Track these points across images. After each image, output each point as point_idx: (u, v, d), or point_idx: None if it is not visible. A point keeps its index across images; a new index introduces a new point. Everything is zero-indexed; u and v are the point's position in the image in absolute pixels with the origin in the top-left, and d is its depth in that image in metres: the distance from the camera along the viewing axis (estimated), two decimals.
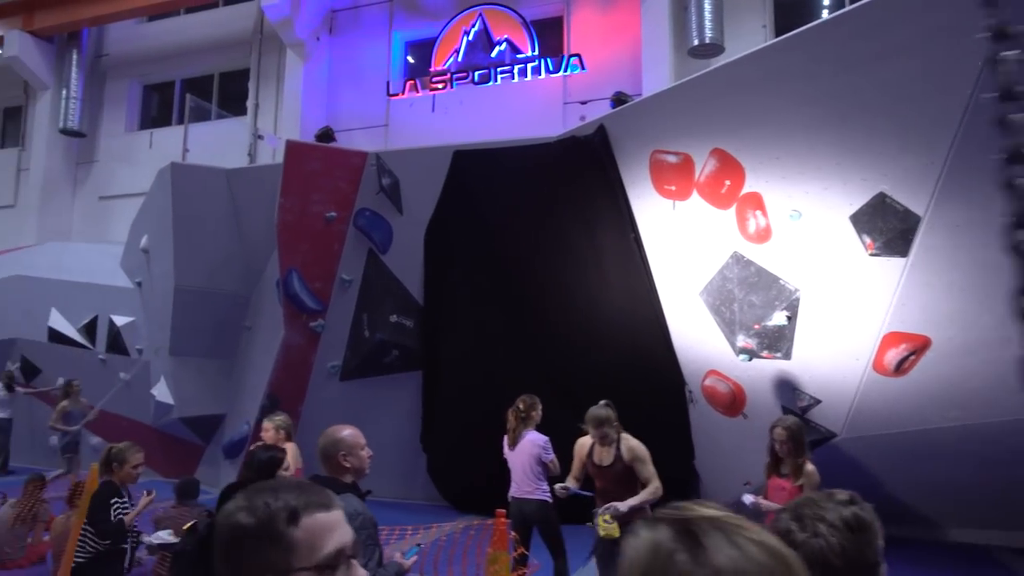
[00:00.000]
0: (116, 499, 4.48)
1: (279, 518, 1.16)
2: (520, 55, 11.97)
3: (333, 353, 10.48)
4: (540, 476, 5.61)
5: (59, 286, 13.05)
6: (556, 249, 8.96)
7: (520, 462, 5.70)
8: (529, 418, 5.87)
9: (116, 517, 4.42)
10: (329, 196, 9.84)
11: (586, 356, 8.91)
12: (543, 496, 5.60)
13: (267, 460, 3.75)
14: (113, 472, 4.60)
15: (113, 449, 4.68)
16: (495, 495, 9.28)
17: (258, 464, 3.73)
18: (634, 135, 8.14)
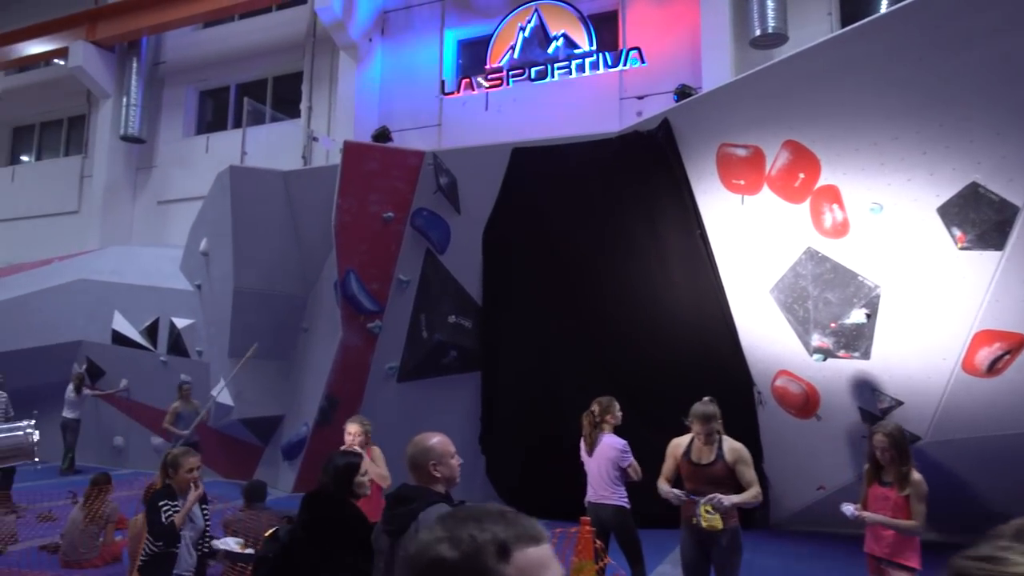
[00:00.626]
0: (167, 501, 4.43)
1: (487, 552, 1.02)
2: (577, 50, 11.77)
3: (390, 354, 10.43)
4: (617, 481, 5.49)
5: (122, 289, 13.28)
6: (618, 247, 8.75)
7: (597, 466, 5.56)
8: (605, 422, 5.69)
9: (166, 519, 4.36)
10: (386, 196, 9.79)
11: (650, 356, 8.67)
12: (620, 501, 5.48)
13: (344, 466, 3.63)
14: (171, 477, 4.55)
15: (169, 455, 4.63)
16: (556, 498, 9.18)
17: (335, 470, 3.62)
18: (700, 128, 7.89)
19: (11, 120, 19.64)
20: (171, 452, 4.60)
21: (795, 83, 6.85)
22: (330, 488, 3.58)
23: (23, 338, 13.79)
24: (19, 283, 14.60)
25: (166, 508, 4.35)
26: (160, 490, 4.48)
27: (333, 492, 3.56)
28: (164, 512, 4.33)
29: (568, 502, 9.04)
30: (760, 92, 7.18)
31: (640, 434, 8.78)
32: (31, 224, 18.03)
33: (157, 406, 12.94)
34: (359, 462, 3.72)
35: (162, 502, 4.37)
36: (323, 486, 3.60)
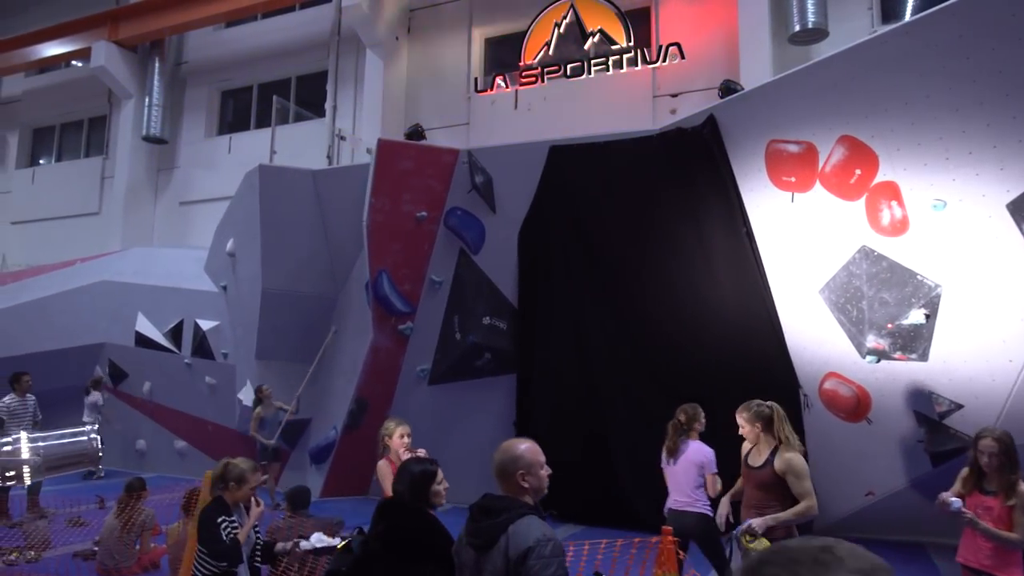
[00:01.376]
0: (225, 517, 4.13)
1: None
2: (614, 46, 11.55)
3: (422, 356, 10.24)
4: (701, 488, 5.37)
5: (145, 291, 13.14)
6: (661, 246, 8.53)
7: (682, 473, 5.45)
8: (692, 429, 5.59)
9: (228, 536, 4.08)
10: (420, 195, 9.61)
11: (693, 357, 8.43)
12: (704, 509, 5.35)
13: (420, 474, 3.42)
14: (229, 490, 4.24)
15: (231, 465, 4.30)
16: (597, 504, 8.99)
17: (411, 478, 3.41)
18: (748, 124, 7.67)
19: (31, 121, 19.57)
20: (235, 463, 4.29)
21: (852, 76, 6.62)
22: (406, 497, 3.38)
23: (45, 340, 13.67)
24: (41, 285, 14.48)
25: (226, 525, 4.07)
26: (215, 505, 4.18)
27: (409, 501, 3.36)
28: (225, 530, 4.06)
29: (611, 508, 8.87)
30: (814, 86, 6.96)
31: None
32: (51, 226, 17.94)
33: (181, 409, 12.81)
34: (436, 469, 3.52)
35: (221, 519, 4.08)
36: (398, 495, 3.40)
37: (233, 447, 12.16)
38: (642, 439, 8.73)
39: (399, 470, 3.52)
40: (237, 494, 4.20)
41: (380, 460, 5.08)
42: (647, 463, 8.50)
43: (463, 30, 13.49)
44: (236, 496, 4.20)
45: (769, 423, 4.77)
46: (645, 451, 8.55)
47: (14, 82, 19.51)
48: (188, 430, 12.80)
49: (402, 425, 5.12)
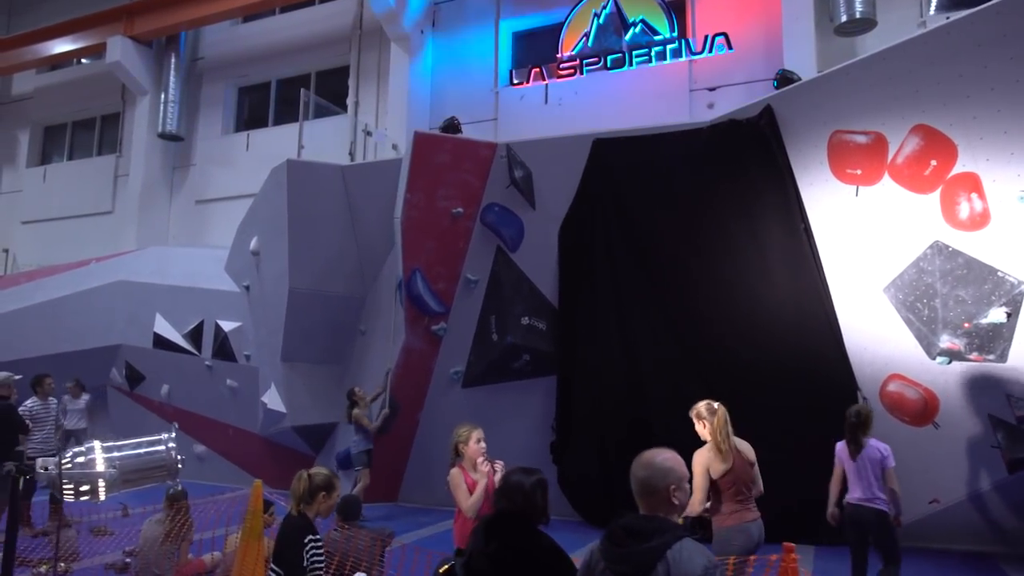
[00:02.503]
0: (312, 537, 3.73)
1: None
2: (657, 37, 11.20)
3: (455, 358, 9.90)
4: (881, 484, 5.48)
5: (163, 291, 12.78)
6: (712, 243, 8.19)
7: (863, 469, 5.54)
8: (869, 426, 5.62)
9: (311, 560, 3.68)
10: (456, 191, 9.27)
11: (745, 358, 8.09)
12: (883, 505, 5.47)
13: (532, 486, 3.07)
14: (316, 502, 3.84)
15: (316, 475, 3.90)
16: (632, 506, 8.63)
17: (518, 490, 3.06)
18: (810, 115, 7.33)
19: (42, 119, 19.22)
20: (317, 473, 3.86)
21: (931, 62, 6.29)
22: (511, 511, 3.03)
23: (60, 342, 13.33)
24: (56, 285, 14.14)
25: (312, 548, 3.64)
26: (301, 522, 3.75)
27: (520, 517, 3.01)
28: (309, 553, 3.63)
29: None
30: (887, 74, 6.62)
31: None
32: (63, 225, 17.59)
33: (201, 413, 12.45)
34: (545, 480, 3.17)
35: (308, 539, 3.66)
36: (507, 510, 3.05)
37: (256, 452, 11.84)
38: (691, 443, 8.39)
39: (504, 481, 3.16)
40: (325, 505, 3.83)
41: (452, 468, 4.71)
42: None
43: (489, 24, 13.15)
44: (323, 508, 3.83)
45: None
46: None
47: (25, 79, 19.17)
48: (208, 434, 12.44)
49: (477, 430, 4.75)
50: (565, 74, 11.69)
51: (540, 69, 11.89)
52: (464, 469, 4.68)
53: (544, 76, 11.82)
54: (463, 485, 4.62)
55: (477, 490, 4.58)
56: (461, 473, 4.68)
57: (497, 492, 3.17)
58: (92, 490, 2.64)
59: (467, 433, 4.74)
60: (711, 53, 10.73)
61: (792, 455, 7.86)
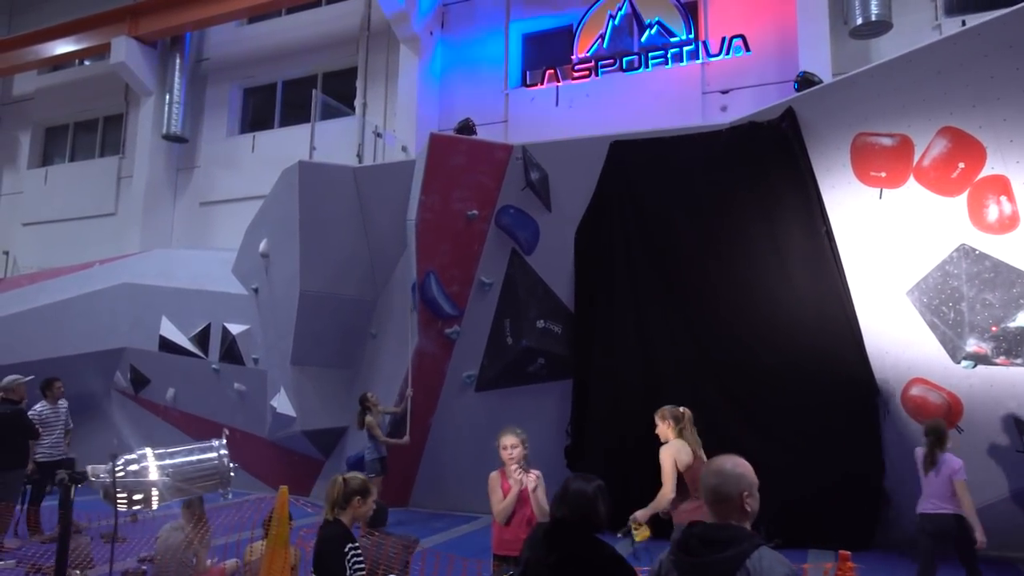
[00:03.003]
0: (351, 546, 3.60)
1: None
2: (673, 38, 11.15)
3: (468, 362, 9.80)
4: (953, 496, 5.63)
5: (169, 293, 12.65)
6: (731, 246, 8.13)
7: (939, 483, 5.70)
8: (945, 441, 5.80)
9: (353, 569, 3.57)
10: (471, 192, 9.18)
11: (764, 362, 8.03)
12: (959, 511, 5.60)
13: (594, 493, 2.97)
14: (352, 507, 3.71)
15: (351, 479, 3.76)
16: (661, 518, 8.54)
17: (580, 498, 2.96)
18: (833, 117, 7.28)
19: (44, 120, 19.06)
20: (352, 477, 3.75)
21: (959, 63, 6.24)
22: (575, 520, 2.94)
23: (63, 345, 13.15)
24: (59, 287, 13.98)
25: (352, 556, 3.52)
26: (338, 530, 3.63)
27: (581, 526, 2.92)
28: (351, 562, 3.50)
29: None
30: (913, 76, 6.57)
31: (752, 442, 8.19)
32: (65, 227, 17.42)
33: (207, 416, 12.30)
34: (603, 486, 3.08)
35: (348, 547, 3.54)
36: (568, 518, 2.95)
37: (264, 456, 11.70)
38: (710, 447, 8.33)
39: (564, 489, 3.06)
40: (360, 510, 3.72)
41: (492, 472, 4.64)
42: None
43: (499, 25, 13.08)
44: (359, 513, 3.72)
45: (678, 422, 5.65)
46: None
47: (26, 80, 19.01)
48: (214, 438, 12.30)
49: (508, 435, 4.65)
50: (580, 76, 11.63)
51: (555, 71, 11.81)
52: (503, 473, 4.60)
53: (559, 77, 11.74)
54: (498, 490, 4.55)
55: (508, 497, 4.49)
56: (499, 477, 4.60)
57: (557, 500, 3.07)
58: (145, 499, 2.55)
59: (500, 438, 4.66)
60: (728, 55, 10.68)
61: (808, 458, 7.81)
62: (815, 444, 7.79)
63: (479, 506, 9.62)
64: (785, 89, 10.55)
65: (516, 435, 4.61)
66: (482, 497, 9.50)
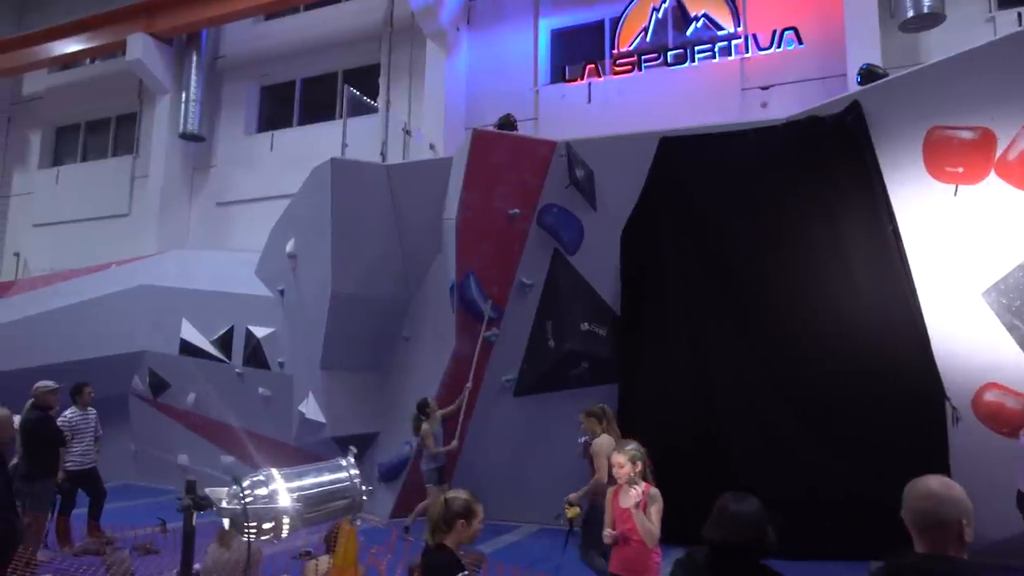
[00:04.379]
0: (463, 575, 3.25)
1: None
2: (721, 31, 10.84)
3: (506, 365, 9.48)
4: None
5: (190, 295, 12.33)
6: (789, 246, 7.82)
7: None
8: None
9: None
10: (513, 190, 8.88)
11: (825, 367, 7.71)
12: None
13: (757, 515, 2.66)
14: (456, 532, 3.31)
15: (452, 500, 3.38)
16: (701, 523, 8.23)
17: (739, 521, 2.65)
18: (904, 111, 6.99)
19: (54, 120, 18.71)
20: (455, 497, 3.37)
21: None
22: (734, 544, 2.63)
23: (80, 348, 12.82)
24: (75, 289, 13.66)
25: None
26: (444, 556, 3.27)
27: (748, 551, 2.60)
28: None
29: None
30: (996, 66, 6.30)
31: (812, 452, 7.89)
32: (77, 228, 17.06)
33: (229, 421, 11.96)
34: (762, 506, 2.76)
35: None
36: (726, 543, 2.64)
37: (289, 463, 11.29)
38: (768, 457, 8.02)
39: (720, 510, 2.74)
40: (466, 533, 3.34)
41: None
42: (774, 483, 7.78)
43: (526, 21, 12.78)
44: (464, 537, 3.35)
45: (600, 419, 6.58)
46: (771, 470, 7.85)
47: (36, 79, 18.65)
48: (237, 444, 11.95)
49: (619, 453, 4.34)
50: (622, 70, 11.31)
51: (595, 65, 11.50)
52: (618, 491, 4.32)
53: (599, 72, 11.43)
54: (609, 509, 4.26)
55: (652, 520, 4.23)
56: (613, 494, 4.32)
57: (713, 523, 2.75)
58: (276, 528, 2.22)
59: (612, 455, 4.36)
60: (779, 48, 10.38)
61: (871, 466, 7.49)
62: (878, 452, 7.47)
63: (517, 515, 9.32)
64: (830, 85, 10.29)
65: (625, 453, 4.29)
66: (520, 505, 9.25)
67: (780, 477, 7.67)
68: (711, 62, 10.94)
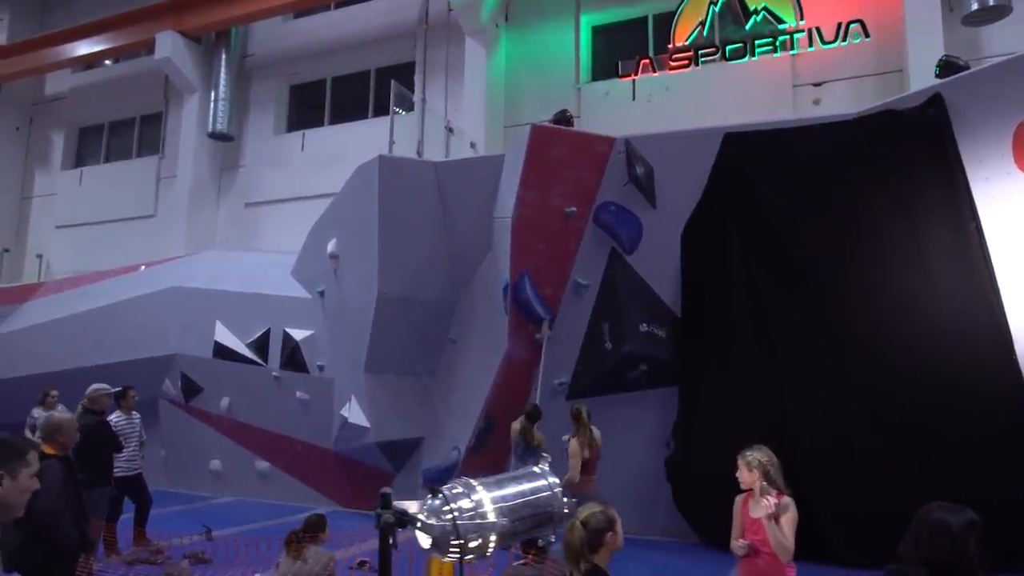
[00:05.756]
0: None
1: None
2: (782, 25, 10.59)
3: (559, 368, 9.21)
4: None
5: (223, 297, 12.05)
6: (863, 245, 7.56)
7: None
8: None
9: None
10: (570, 188, 8.64)
11: (901, 371, 7.43)
12: None
13: (961, 530, 2.39)
14: (607, 546, 2.94)
15: (591, 520, 2.95)
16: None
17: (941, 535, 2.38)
18: (990, 104, 6.74)
19: (78, 120, 18.50)
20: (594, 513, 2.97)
21: None
22: (940, 566, 2.36)
23: (110, 351, 12.55)
24: (105, 291, 13.38)
25: None
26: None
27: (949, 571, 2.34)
28: None
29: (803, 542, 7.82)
30: None
31: (882, 457, 7.61)
32: (101, 229, 16.83)
33: (265, 427, 11.71)
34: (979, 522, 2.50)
35: None
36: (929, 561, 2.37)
37: (326, 468, 11.10)
38: (839, 464, 7.74)
39: (921, 521, 2.48)
40: (618, 541, 3.01)
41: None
42: (843, 492, 7.50)
43: (567, 17, 12.55)
44: (617, 544, 3.02)
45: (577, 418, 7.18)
46: (841, 477, 7.57)
47: (59, 79, 18.45)
48: (272, 450, 11.69)
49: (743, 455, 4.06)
50: (677, 65, 11.07)
51: (650, 60, 11.25)
52: (747, 499, 4.04)
53: (654, 67, 11.18)
54: (737, 516, 3.98)
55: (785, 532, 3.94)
56: (741, 502, 4.05)
57: (912, 538, 2.49)
58: (481, 546, 1.96)
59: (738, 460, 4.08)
60: (844, 42, 10.12)
61: (946, 474, 7.21)
62: (954, 460, 7.19)
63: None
64: (888, 80, 10.05)
65: (743, 459, 4.01)
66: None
67: (848, 485, 7.41)
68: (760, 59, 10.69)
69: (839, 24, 10.15)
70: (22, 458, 2.45)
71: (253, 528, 9.72)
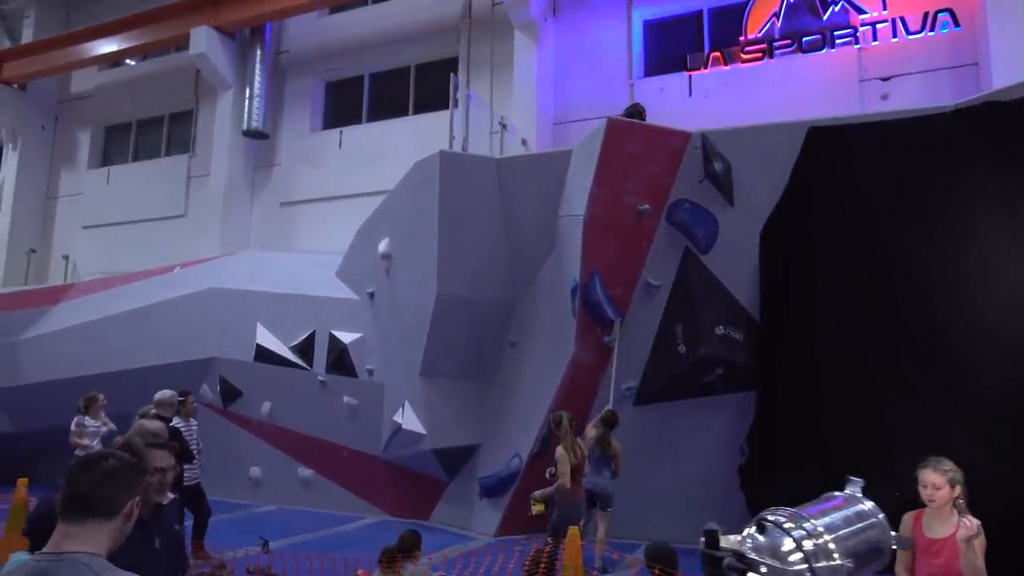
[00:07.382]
0: None
1: None
2: (863, 15, 10.24)
3: (627, 372, 8.86)
4: None
5: (264, 299, 11.71)
6: (960, 245, 7.19)
7: None
8: None
9: None
10: (643, 185, 8.30)
11: (1000, 374, 7.06)
12: None
13: None
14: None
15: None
16: None
17: None
18: None
19: (104, 119, 18.17)
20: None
21: None
22: None
23: (146, 355, 12.21)
24: (140, 293, 13.03)
25: None
26: None
27: None
28: None
29: None
30: None
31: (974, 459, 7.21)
32: (129, 230, 16.49)
33: (308, 433, 11.35)
34: None
35: None
36: None
37: (374, 476, 10.73)
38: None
39: None
40: None
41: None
42: None
43: (618, 11, 12.22)
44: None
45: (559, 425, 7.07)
46: None
47: (85, 77, 18.13)
48: (316, 457, 11.34)
49: (927, 470, 3.67)
50: (750, 57, 10.73)
51: (721, 53, 10.91)
52: (919, 517, 3.66)
53: (725, 60, 10.84)
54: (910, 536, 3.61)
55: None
56: (912, 521, 3.67)
57: None
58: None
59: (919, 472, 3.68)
60: (932, 32, 9.76)
61: None
62: None
63: (636, 533, 8.66)
64: (964, 74, 9.70)
65: (940, 471, 3.61)
66: (637, 524, 8.59)
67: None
68: (825, 54, 10.34)
69: (925, 14, 9.80)
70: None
71: (305, 539, 9.37)
